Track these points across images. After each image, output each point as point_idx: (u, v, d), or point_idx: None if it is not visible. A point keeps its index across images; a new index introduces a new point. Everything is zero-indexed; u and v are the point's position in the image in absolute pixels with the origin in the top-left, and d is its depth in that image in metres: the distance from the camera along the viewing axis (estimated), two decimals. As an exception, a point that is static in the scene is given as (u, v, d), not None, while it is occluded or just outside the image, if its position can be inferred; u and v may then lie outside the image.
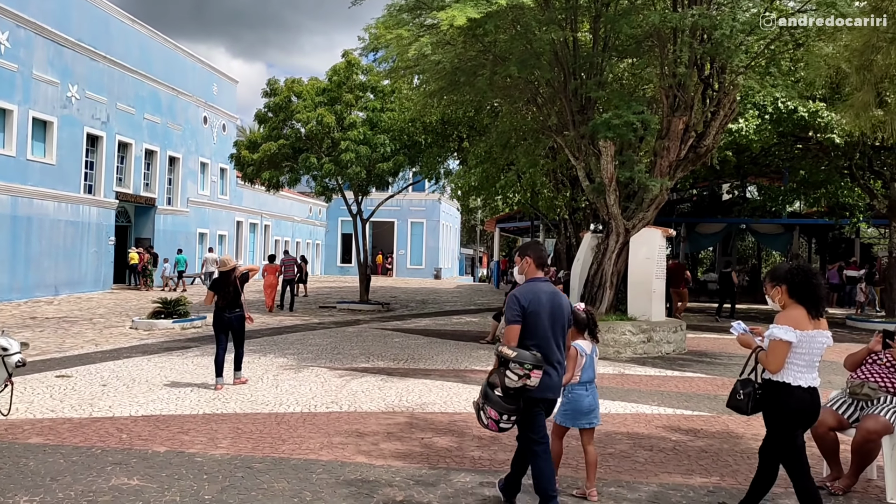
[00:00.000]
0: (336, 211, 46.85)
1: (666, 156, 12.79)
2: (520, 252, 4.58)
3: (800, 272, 3.99)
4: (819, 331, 3.99)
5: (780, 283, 4.06)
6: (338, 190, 21.10)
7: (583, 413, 4.87)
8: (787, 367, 3.92)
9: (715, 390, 9.14)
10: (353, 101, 20.21)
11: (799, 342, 3.87)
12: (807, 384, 3.96)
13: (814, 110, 15.03)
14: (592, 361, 4.96)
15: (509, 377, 4.12)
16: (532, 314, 4.29)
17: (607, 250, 13.16)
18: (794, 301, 3.97)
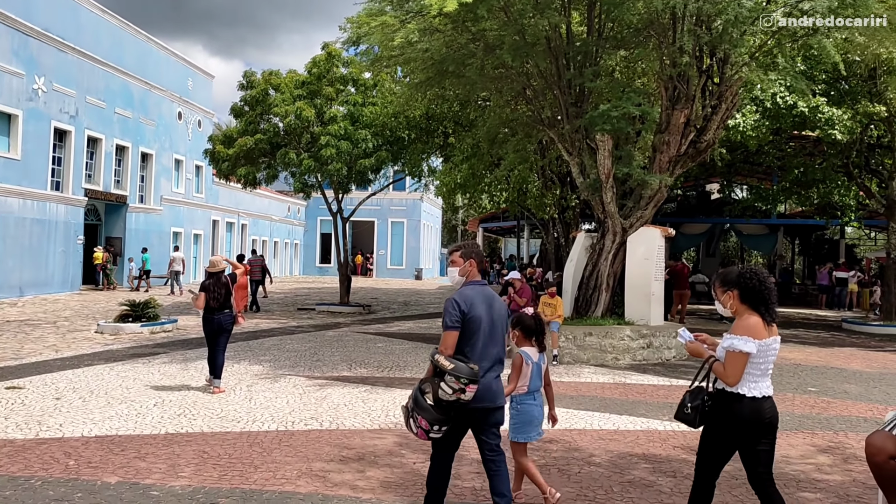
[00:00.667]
0: (315, 210, 45.91)
1: (666, 151, 12.12)
2: (462, 253, 4.30)
3: (752, 276, 3.79)
4: (774, 338, 3.78)
5: (731, 288, 3.83)
6: (317, 187, 20.26)
7: (533, 424, 4.67)
8: (743, 377, 3.71)
9: (726, 401, 8.46)
10: (333, 95, 19.39)
11: (758, 352, 3.67)
12: (761, 394, 3.74)
13: (814, 105, 14.47)
14: (539, 370, 4.73)
15: (443, 389, 3.91)
16: (471, 319, 4.10)
17: (603, 250, 12.48)
18: (747, 307, 3.76)
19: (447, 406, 3.97)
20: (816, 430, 7.10)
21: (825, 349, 13.62)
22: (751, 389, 3.71)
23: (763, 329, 3.71)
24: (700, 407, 3.84)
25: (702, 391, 3.90)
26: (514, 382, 4.61)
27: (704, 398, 3.86)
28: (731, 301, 3.82)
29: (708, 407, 3.84)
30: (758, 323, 3.71)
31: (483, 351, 4.12)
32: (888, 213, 17.47)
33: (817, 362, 11.80)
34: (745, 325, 3.71)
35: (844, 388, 9.47)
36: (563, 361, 11.23)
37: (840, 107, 14.70)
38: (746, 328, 3.69)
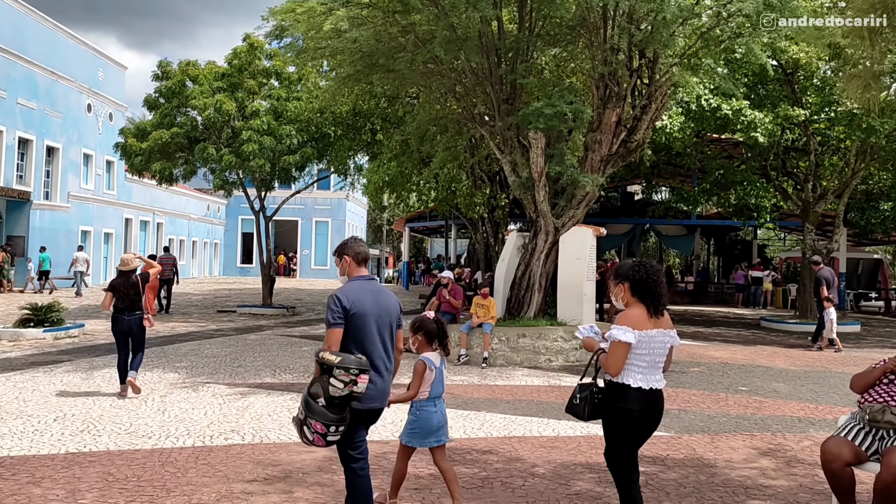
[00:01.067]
0: (236, 209, 44.46)
1: (598, 150, 12.04)
2: (335, 252, 4.29)
3: (642, 269, 3.83)
4: (661, 330, 3.77)
5: (622, 281, 3.88)
6: (239, 184, 19.40)
7: (432, 431, 4.52)
8: (628, 368, 3.73)
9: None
10: (255, 88, 18.61)
11: (639, 343, 3.68)
12: (648, 386, 3.74)
13: (738, 108, 14.74)
14: (442, 375, 4.61)
15: (334, 385, 3.77)
16: (356, 316, 3.97)
17: (535, 250, 12.29)
18: (637, 299, 3.80)
19: (341, 403, 3.83)
20: (754, 431, 7.04)
21: (748, 347, 13.87)
22: (636, 381, 3.72)
23: (646, 321, 3.72)
24: (589, 398, 3.86)
25: (591, 384, 3.93)
26: (414, 388, 4.47)
27: (593, 390, 3.89)
28: (623, 293, 3.85)
29: (598, 399, 3.86)
30: (641, 314, 3.73)
31: (371, 349, 3.99)
32: (803, 214, 18.04)
33: (743, 360, 11.95)
34: (628, 315, 3.74)
35: (773, 386, 9.56)
36: (495, 364, 10.96)
37: (761, 110, 15.03)
38: (628, 319, 3.72)
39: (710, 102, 15.24)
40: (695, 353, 12.91)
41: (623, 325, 3.71)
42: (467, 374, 10.19)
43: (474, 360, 11.08)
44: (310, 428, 3.82)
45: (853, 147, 16.71)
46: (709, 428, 7.14)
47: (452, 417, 7.43)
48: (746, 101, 14.97)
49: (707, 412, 7.89)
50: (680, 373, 10.57)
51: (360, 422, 4.04)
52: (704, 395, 8.90)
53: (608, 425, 3.89)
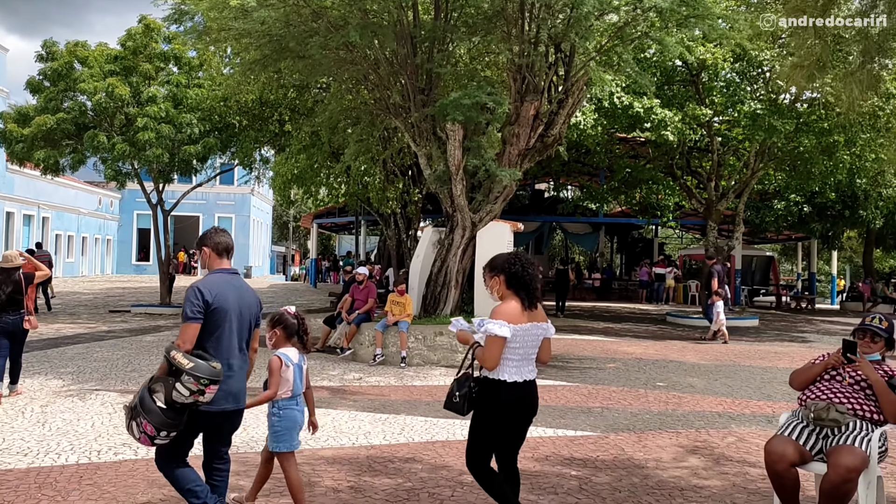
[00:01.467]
0: (131, 203, 42.15)
1: (515, 143, 11.83)
2: (196, 244, 4.12)
3: (517, 261, 3.82)
4: (534, 323, 3.79)
5: (497, 273, 3.85)
6: (133, 176, 18.13)
7: (296, 431, 4.29)
8: (502, 362, 3.71)
9: (583, 401, 8.19)
10: (152, 73, 17.40)
11: (514, 337, 3.67)
12: (522, 378, 3.76)
13: (649, 106, 14.94)
14: (301, 372, 4.36)
15: (179, 391, 3.53)
16: (216, 310, 3.76)
17: (452, 246, 11.96)
18: (511, 292, 3.79)
19: (180, 409, 3.57)
20: (678, 428, 6.94)
21: (659, 342, 14.06)
22: (511, 374, 3.70)
23: (521, 314, 3.71)
24: (467, 394, 3.82)
25: (468, 378, 3.86)
26: (274, 387, 4.22)
27: (471, 385, 3.83)
28: (498, 286, 3.82)
29: (475, 393, 3.82)
30: (516, 308, 3.71)
31: (228, 346, 3.80)
32: (706, 212, 18.58)
33: (656, 356, 12.05)
34: (503, 309, 3.71)
35: (689, 381, 9.60)
36: (412, 363, 10.56)
37: (670, 109, 15.30)
38: (503, 312, 3.68)
39: (622, 100, 15.40)
40: (609, 348, 12.94)
41: (499, 319, 3.65)
42: (384, 375, 9.74)
43: (390, 359, 10.64)
44: (139, 425, 3.55)
45: (752, 148, 17.30)
46: (634, 426, 6.99)
47: (370, 422, 6.98)
48: (657, 100, 15.20)
49: (629, 409, 7.76)
50: (598, 369, 10.50)
51: (206, 424, 3.80)
52: (624, 391, 8.81)
53: (481, 419, 3.81)
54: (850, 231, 25.00)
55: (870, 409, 4.12)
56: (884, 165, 17.08)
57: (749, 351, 12.91)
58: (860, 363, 4.18)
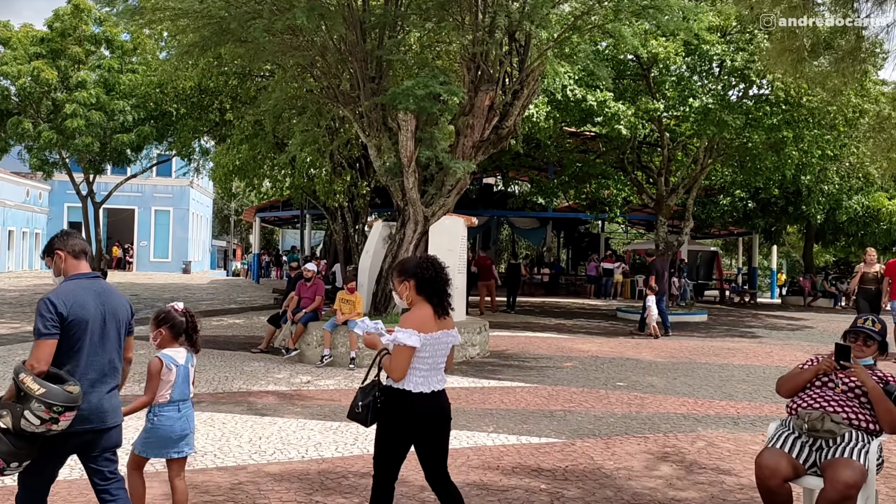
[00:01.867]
0: (61, 195, 40.20)
1: (470, 135, 11.42)
2: (45, 251, 3.59)
3: (430, 266, 3.64)
4: (445, 331, 3.61)
5: (407, 278, 3.64)
6: (61, 166, 17.09)
7: (172, 440, 3.98)
8: (410, 372, 3.51)
9: (544, 403, 7.86)
10: (82, 56, 16.43)
11: (423, 346, 3.48)
12: (430, 389, 3.55)
13: (602, 100, 14.74)
14: (188, 375, 4.07)
15: (28, 419, 3.09)
16: (74, 323, 3.30)
17: (403, 241, 11.48)
18: (423, 298, 3.60)
19: (31, 437, 3.16)
20: (645, 432, 6.66)
21: (612, 339, 13.89)
22: (417, 385, 3.51)
23: (432, 322, 3.54)
24: (372, 404, 3.61)
25: (374, 387, 3.65)
26: (150, 392, 3.94)
27: (376, 394, 3.62)
28: (408, 292, 3.62)
29: (380, 403, 3.61)
30: (427, 315, 3.54)
31: (90, 361, 3.36)
32: (656, 207, 18.57)
33: (611, 353, 11.84)
34: (414, 317, 3.53)
35: (648, 380, 9.38)
36: (362, 364, 10.05)
37: (623, 103, 15.14)
38: (413, 320, 3.51)
39: (574, 93, 15.16)
40: (563, 346, 12.69)
41: (408, 328, 3.46)
42: (332, 378, 9.23)
43: (339, 360, 10.12)
44: None
45: (702, 143, 17.33)
46: (599, 430, 6.68)
47: (321, 431, 6.49)
48: (610, 93, 15.02)
49: (592, 412, 7.46)
50: (555, 368, 10.21)
51: (75, 445, 3.37)
52: (585, 392, 8.52)
53: (385, 431, 3.60)
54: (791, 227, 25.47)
55: (865, 418, 3.85)
56: (827, 162, 17.33)
57: (702, 347, 12.84)
58: (855, 369, 3.90)
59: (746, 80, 14.92)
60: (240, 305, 20.57)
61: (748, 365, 10.85)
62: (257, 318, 16.98)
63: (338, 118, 14.96)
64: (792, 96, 14.85)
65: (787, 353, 12.17)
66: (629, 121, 14.70)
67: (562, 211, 30.19)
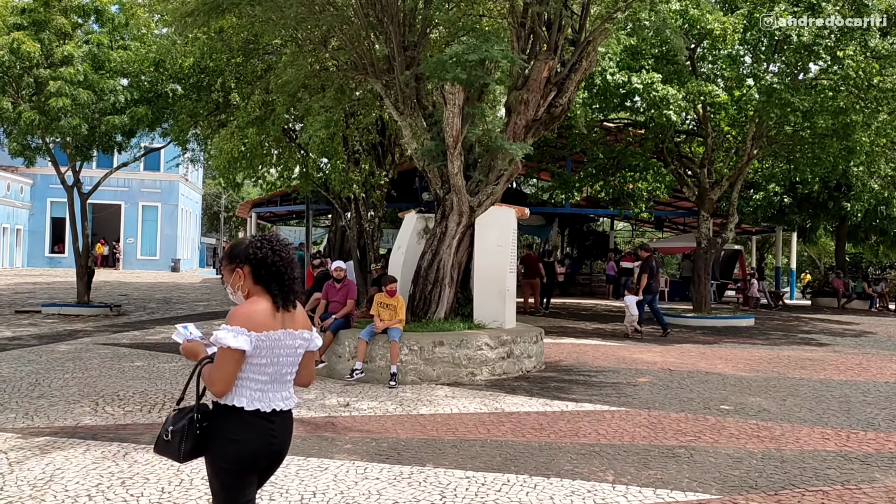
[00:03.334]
0: (44, 189, 38.34)
1: (523, 112, 9.86)
2: None
3: (267, 246, 2.82)
4: (289, 331, 2.79)
5: (240, 264, 2.84)
6: (45, 151, 15.33)
7: None
8: (239, 384, 2.70)
9: (653, 436, 6.30)
10: (68, 29, 14.63)
11: (257, 349, 2.67)
12: (269, 407, 2.74)
13: (648, 82, 13.20)
14: None
15: None
16: None
17: (446, 235, 9.90)
18: (261, 288, 2.79)
19: None
20: (815, 483, 5.10)
21: (669, 347, 12.37)
22: (252, 401, 2.74)
23: (269, 317, 2.76)
24: (187, 429, 2.75)
25: (192, 408, 2.80)
26: None
27: (195, 416, 2.78)
28: (242, 281, 2.86)
29: (201, 429, 2.77)
30: (262, 310, 2.76)
31: None
32: (699, 201, 17.07)
33: (681, 365, 10.31)
34: (242, 311, 2.73)
35: (753, 402, 7.84)
36: (405, 381, 8.46)
37: (672, 85, 13.62)
38: (242, 315, 2.71)
39: (615, 77, 13.64)
40: (619, 355, 11.15)
41: (235, 325, 2.69)
42: (373, 398, 7.62)
43: (373, 375, 8.51)
44: None
45: (749, 130, 15.84)
46: (754, 481, 5.10)
47: (389, 481, 4.88)
48: (657, 74, 13.50)
49: (722, 449, 5.90)
50: (630, 385, 8.65)
51: None
52: (691, 419, 6.96)
53: (213, 467, 2.77)
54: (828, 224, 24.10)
55: None
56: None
57: (778, 358, 11.33)
58: None
59: (815, 58, 13.37)
60: (240, 307, 18.88)
61: (853, 381, 9.34)
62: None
63: (355, 99, 13.33)
64: (861, 77, 13.36)
65: (885, 366, 10.68)
66: (679, 105, 13.17)
67: (582, 206, 28.69)
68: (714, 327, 15.52)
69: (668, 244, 29.12)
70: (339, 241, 21.42)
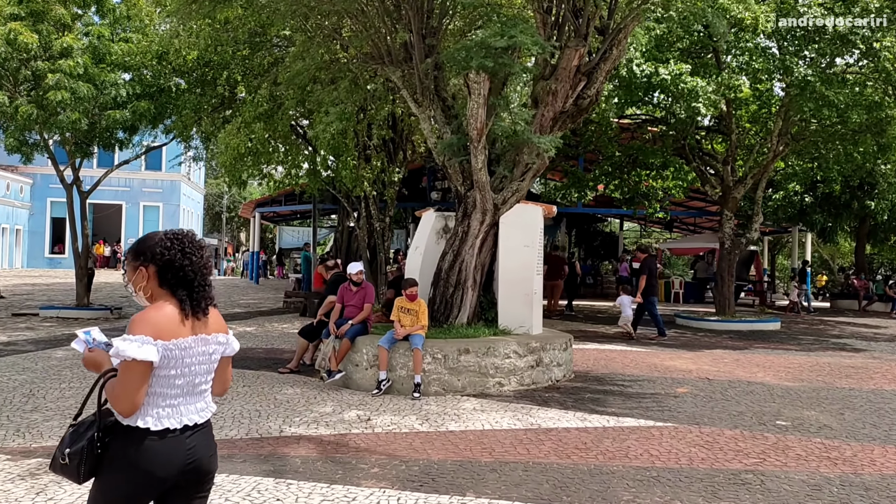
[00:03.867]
0: (44, 189, 37.76)
1: (551, 104, 9.24)
2: None
3: (178, 247, 2.47)
4: (201, 336, 2.46)
5: (144, 263, 2.48)
6: (43, 148, 14.73)
7: None
8: (146, 401, 2.35)
9: (712, 458, 5.67)
10: (67, 20, 14.03)
11: (165, 359, 2.34)
12: (181, 423, 2.40)
13: (677, 73, 12.57)
14: None
15: None
16: None
17: (468, 234, 9.27)
18: (167, 291, 2.46)
19: None
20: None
21: (700, 353, 11.74)
22: (160, 419, 2.35)
23: (177, 323, 2.39)
24: (86, 451, 2.36)
25: (92, 425, 2.41)
26: None
27: (95, 435, 2.38)
28: (145, 282, 2.47)
29: (101, 448, 2.38)
30: (168, 315, 2.39)
31: None
32: (722, 199, 16.44)
33: (718, 373, 9.68)
34: (147, 318, 2.36)
35: (809, 416, 7.21)
36: (429, 392, 7.84)
37: (701, 77, 13.00)
38: (147, 322, 2.34)
39: (641, 68, 13.02)
40: (649, 362, 10.53)
41: (139, 334, 2.30)
42: (398, 412, 7.00)
43: (393, 385, 7.89)
44: None
45: (775, 126, 15.21)
46: (840, 511, 4.49)
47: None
48: (686, 65, 12.87)
49: (794, 475, 5.28)
50: (670, 396, 8.03)
51: None
52: (747, 436, 6.33)
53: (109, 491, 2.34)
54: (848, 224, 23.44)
55: None
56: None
57: (819, 365, 10.69)
58: None
59: (851, 48, 12.73)
60: (245, 309, 18.29)
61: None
62: (269, 324, 14.73)
63: (369, 92, 12.73)
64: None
65: (932, 374, 10.06)
66: (708, 98, 12.54)
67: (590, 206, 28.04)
68: (740, 331, 14.89)
69: (681, 245, 28.50)
70: (346, 241, 20.81)
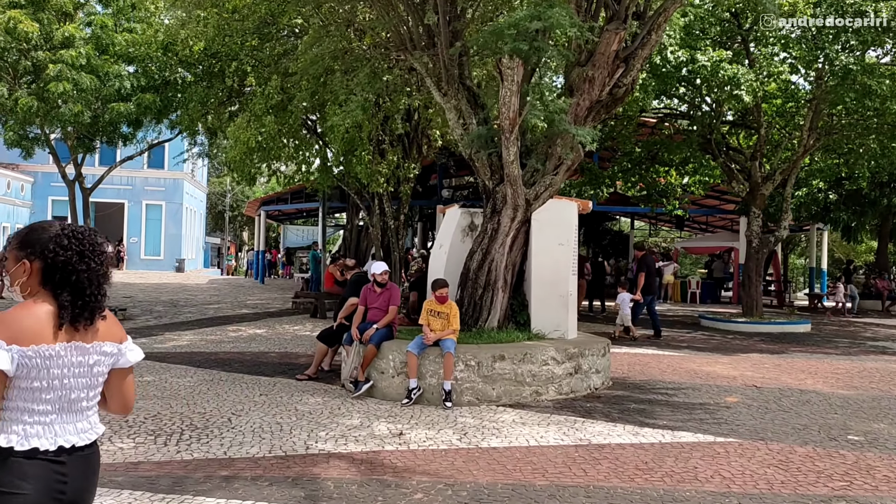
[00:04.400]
0: (45, 188, 37.24)
1: (588, 91, 8.63)
2: None
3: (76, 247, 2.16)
4: (76, 343, 2.14)
5: (32, 257, 2.15)
6: (44, 142, 14.16)
7: None
8: (6, 416, 2.10)
9: (792, 480, 5.07)
10: (69, 9, 13.47)
11: (23, 368, 2.04)
12: (54, 444, 2.09)
13: (717, 59, 11.96)
14: None
15: None
16: None
17: (498, 232, 8.67)
18: (48, 292, 2.15)
19: None
20: None
21: (736, 357, 11.14)
22: (26, 437, 2.06)
23: (45, 326, 2.08)
24: None
25: None
26: None
27: None
28: (27, 278, 2.16)
29: None
30: (36, 316, 2.08)
31: None
32: (750, 196, 15.82)
33: (764, 381, 9.07)
34: (7, 317, 2.06)
35: (880, 429, 6.61)
36: (461, 401, 7.24)
37: (739, 65, 12.40)
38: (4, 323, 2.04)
39: (677, 56, 12.42)
40: (686, 368, 9.93)
41: None
42: (432, 425, 6.40)
43: (427, 394, 7.30)
44: None
45: (806, 120, 14.61)
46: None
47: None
48: (726, 52, 12.27)
49: (889, 500, 4.68)
50: (721, 407, 7.42)
51: None
52: (823, 455, 5.73)
53: None
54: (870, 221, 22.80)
55: None
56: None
57: (867, 371, 10.08)
58: None
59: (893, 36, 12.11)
60: (253, 310, 17.69)
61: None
62: (280, 326, 14.15)
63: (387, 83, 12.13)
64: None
65: None
66: (751, 86, 11.92)
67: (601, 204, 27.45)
68: (771, 333, 14.29)
69: (696, 244, 27.88)
70: (356, 240, 20.21)
